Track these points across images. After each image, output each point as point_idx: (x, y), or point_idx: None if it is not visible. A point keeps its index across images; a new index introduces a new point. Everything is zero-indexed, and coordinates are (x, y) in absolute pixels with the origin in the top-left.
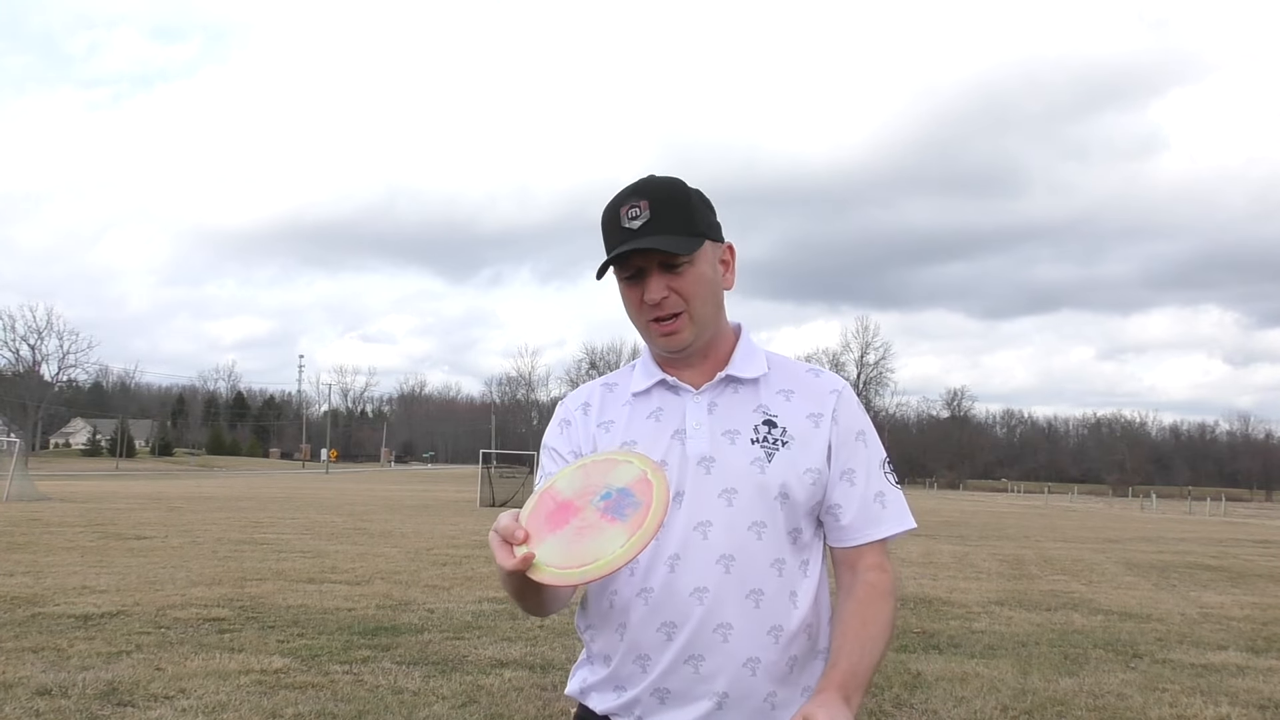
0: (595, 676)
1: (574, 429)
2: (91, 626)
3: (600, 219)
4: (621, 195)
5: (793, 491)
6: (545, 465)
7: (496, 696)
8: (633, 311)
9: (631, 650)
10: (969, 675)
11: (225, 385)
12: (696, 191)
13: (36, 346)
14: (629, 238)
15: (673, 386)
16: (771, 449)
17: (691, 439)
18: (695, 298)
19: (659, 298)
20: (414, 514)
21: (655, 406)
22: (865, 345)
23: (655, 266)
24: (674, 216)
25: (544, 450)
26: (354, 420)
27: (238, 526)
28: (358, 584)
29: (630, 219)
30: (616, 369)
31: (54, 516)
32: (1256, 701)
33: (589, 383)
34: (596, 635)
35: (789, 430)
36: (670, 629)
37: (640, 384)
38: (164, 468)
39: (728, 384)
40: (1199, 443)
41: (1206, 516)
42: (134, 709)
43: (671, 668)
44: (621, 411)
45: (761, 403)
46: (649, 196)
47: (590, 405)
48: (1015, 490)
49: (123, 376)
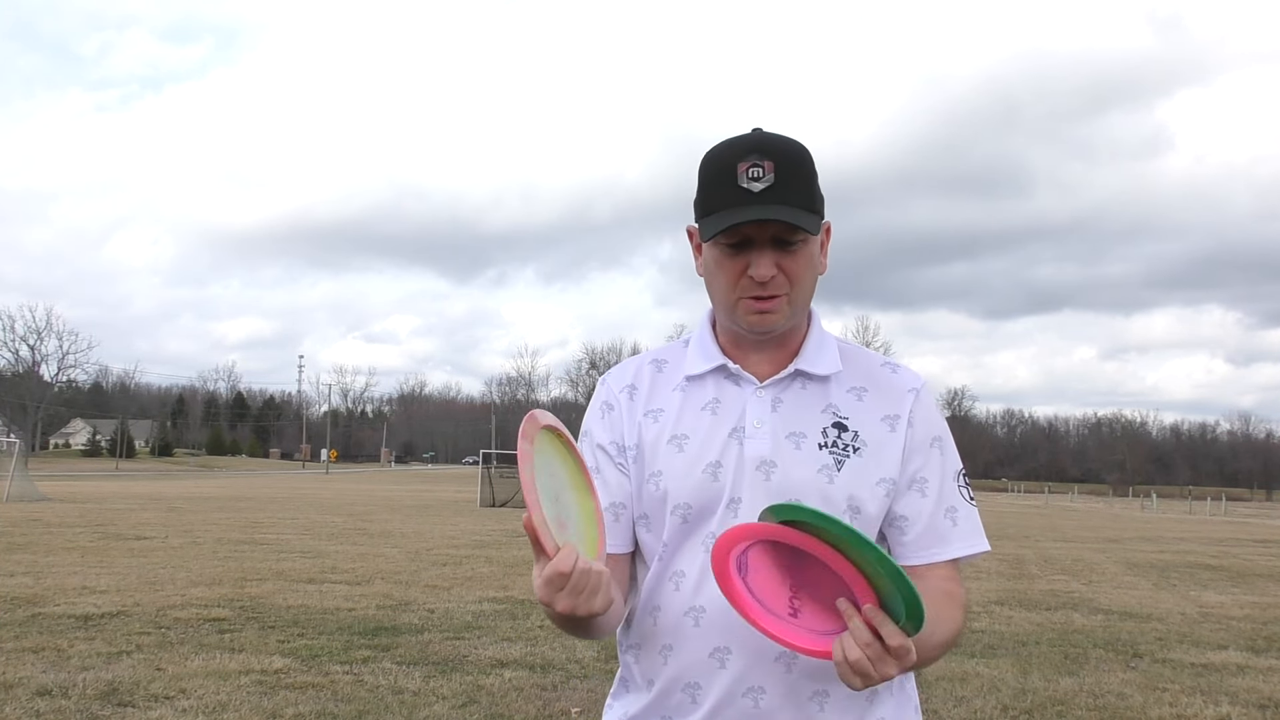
0: (636, 706)
1: (617, 415)
2: (92, 627)
3: (702, 168)
4: (739, 148)
5: (864, 505)
6: (585, 456)
7: (497, 697)
8: (724, 283)
9: (680, 677)
10: (969, 675)
11: (225, 385)
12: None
13: (36, 347)
14: (750, 200)
15: (734, 375)
16: (841, 456)
17: (751, 439)
18: (800, 281)
19: (768, 275)
20: (414, 514)
21: (711, 396)
22: (866, 345)
23: (768, 240)
24: (800, 186)
25: (585, 438)
26: (354, 420)
27: (238, 527)
28: (358, 584)
29: (751, 179)
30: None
31: (54, 517)
32: (1257, 701)
33: (634, 358)
34: (640, 656)
35: (861, 434)
36: (724, 655)
37: (696, 366)
38: (164, 468)
39: (796, 379)
40: (1199, 442)
41: (1207, 516)
42: (134, 709)
43: (726, 699)
44: (672, 398)
45: (831, 402)
46: (774, 158)
47: (637, 388)
48: (1015, 490)
49: (122, 377)
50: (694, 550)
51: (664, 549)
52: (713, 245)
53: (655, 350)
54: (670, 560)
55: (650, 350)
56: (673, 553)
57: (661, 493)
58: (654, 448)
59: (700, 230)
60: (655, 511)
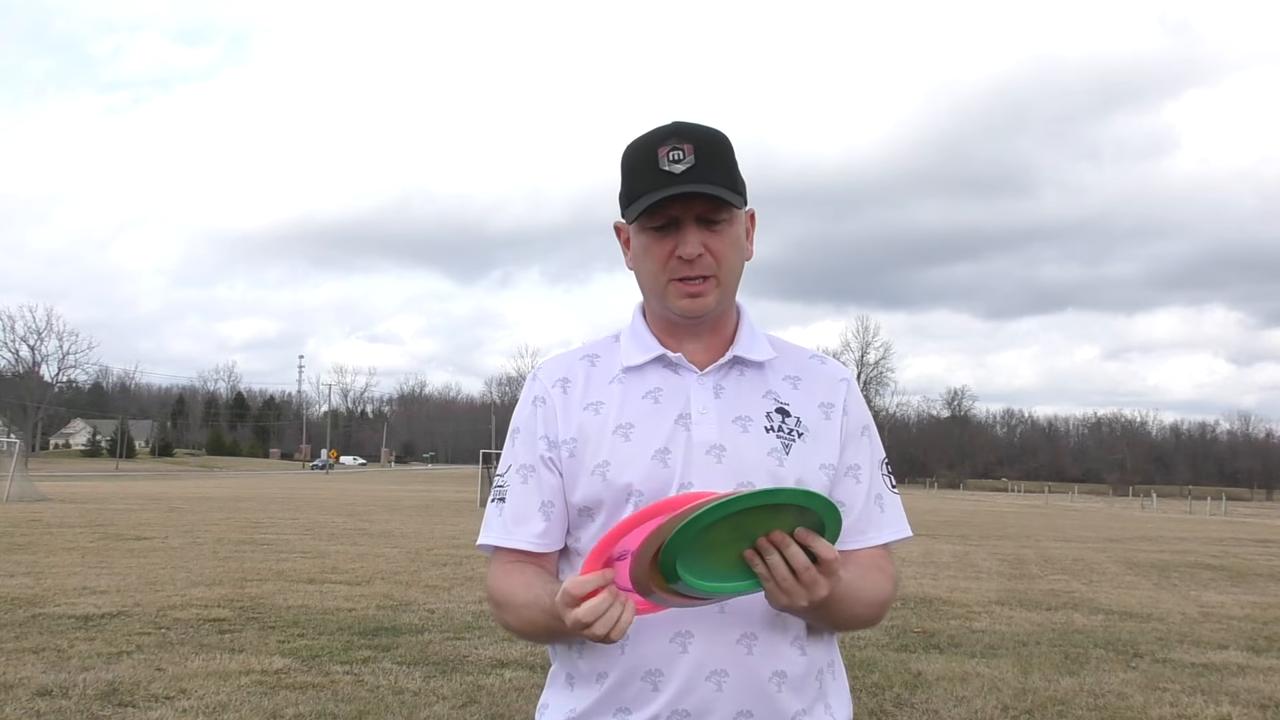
0: (584, 702)
1: (550, 409)
2: (92, 627)
3: (624, 158)
4: (658, 134)
5: (810, 488)
6: (518, 453)
7: (497, 697)
8: (653, 267)
9: (638, 665)
10: (969, 675)
11: (225, 386)
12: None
13: (36, 347)
14: (670, 181)
15: (673, 364)
16: (788, 440)
17: (698, 425)
18: (727, 261)
19: (695, 254)
20: (414, 514)
21: (653, 386)
22: (865, 345)
23: (692, 220)
24: (720, 166)
25: (515, 434)
26: (354, 420)
27: (238, 527)
28: (358, 584)
29: (672, 161)
30: None
31: (54, 517)
32: (1257, 701)
33: (562, 353)
34: (586, 650)
35: (803, 421)
36: (685, 639)
37: (634, 357)
38: (164, 468)
39: (734, 366)
40: (1199, 442)
41: (1207, 516)
42: (134, 710)
43: (688, 685)
44: (611, 390)
45: (771, 388)
46: (693, 141)
47: (570, 381)
48: (1015, 490)
49: (123, 377)
50: None
51: None
52: (640, 231)
53: (583, 346)
54: None
55: (578, 347)
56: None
57: (617, 482)
58: (598, 439)
59: (626, 214)
60: (608, 501)
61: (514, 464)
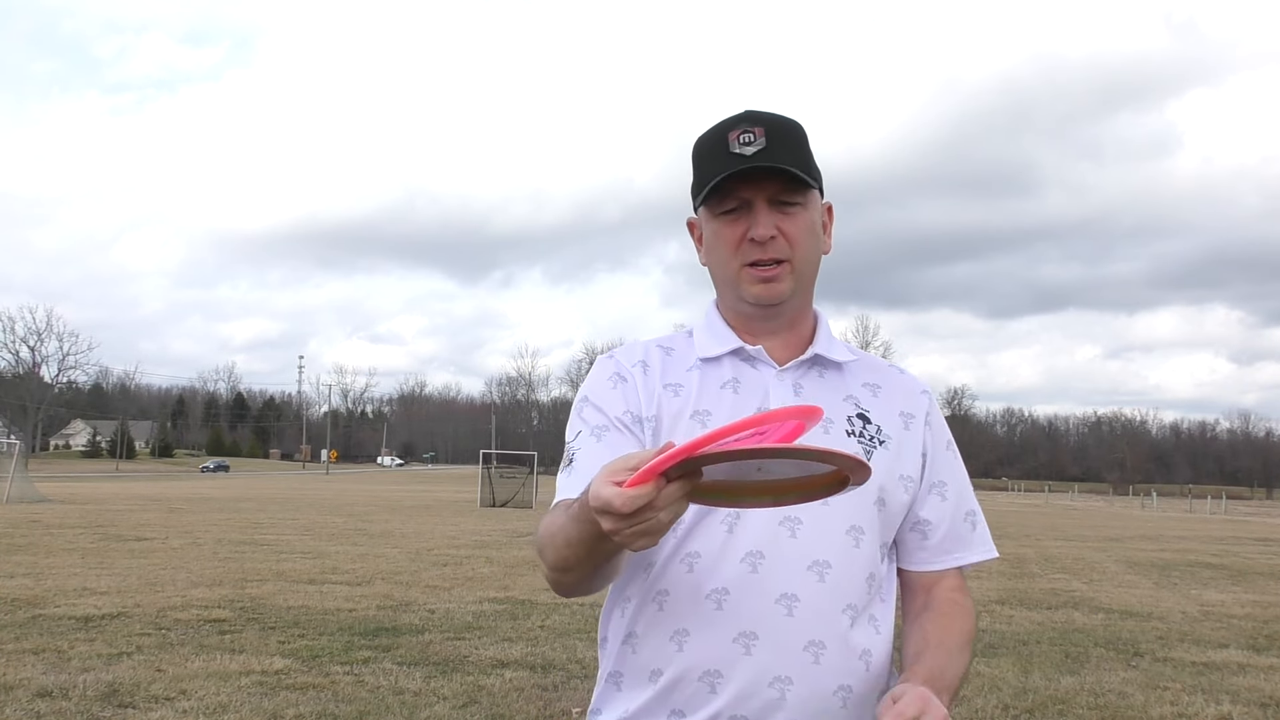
0: (635, 703)
1: (631, 387)
2: (92, 628)
3: (695, 148)
4: (730, 121)
5: (890, 498)
6: (588, 418)
7: (497, 697)
8: (725, 252)
9: (697, 665)
10: (970, 674)
11: (225, 386)
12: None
13: (36, 348)
14: (742, 163)
15: (750, 358)
16: (869, 446)
17: None
18: (802, 246)
19: (767, 235)
20: (414, 514)
21: (730, 376)
22: (866, 344)
23: (764, 201)
24: (793, 148)
25: (584, 405)
26: (354, 421)
27: (238, 528)
28: (358, 585)
29: (743, 144)
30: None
31: (54, 518)
32: (1258, 700)
33: (638, 341)
34: (640, 645)
35: (883, 429)
36: (749, 641)
37: (709, 349)
38: (165, 469)
39: (814, 365)
40: (1199, 441)
41: (1207, 515)
42: (135, 710)
43: (749, 689)
44: (689, 377)
45: (851, 393)
46: (764, 125)
47: (649, 365)
48: (1016, 489)
49: (123, 378)
50: (712, 530)
51: (680, 528)
52: (711, 218)
53: (659, 338)
54: (685, 541)
55: (653, 338)
56: (688, 532)
57: None
58: (674, 422)
59: (695, 199)
60: None
61: (586, 428)
